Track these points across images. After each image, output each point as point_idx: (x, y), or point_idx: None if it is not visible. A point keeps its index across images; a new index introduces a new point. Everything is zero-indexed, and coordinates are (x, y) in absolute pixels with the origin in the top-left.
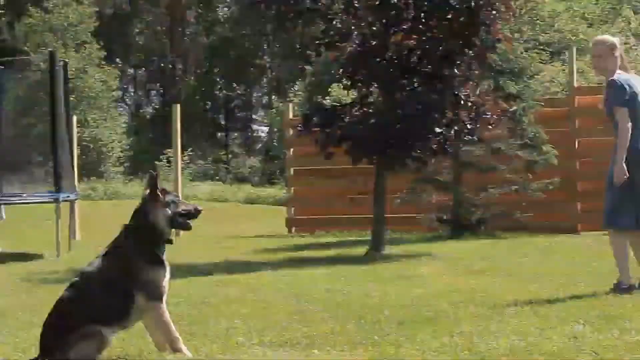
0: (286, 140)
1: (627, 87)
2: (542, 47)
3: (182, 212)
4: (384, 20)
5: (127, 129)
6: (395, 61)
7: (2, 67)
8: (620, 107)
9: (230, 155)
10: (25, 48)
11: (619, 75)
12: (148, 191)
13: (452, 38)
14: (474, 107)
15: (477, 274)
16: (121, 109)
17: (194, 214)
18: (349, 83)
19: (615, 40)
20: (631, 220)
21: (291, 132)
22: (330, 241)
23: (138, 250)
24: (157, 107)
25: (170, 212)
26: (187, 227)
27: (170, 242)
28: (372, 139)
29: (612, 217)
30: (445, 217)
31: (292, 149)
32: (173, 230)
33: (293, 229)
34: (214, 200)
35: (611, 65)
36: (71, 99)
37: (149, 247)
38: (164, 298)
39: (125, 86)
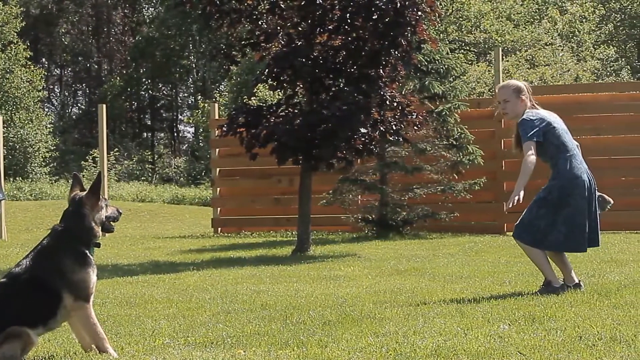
0: (212, 141)
1: (537, 120)
2: (468, 48)
3: (111, 215)
4: (309, 21)
5: (53, 129)
6: (321, 61)
7: None
8: (527, 141)
9: (156, 156)
10: None
11: (528, 112)
12: (89, 194)
13: (378, 38)
14: (400, 107)
15: (402, 274)
16: (47, 109)
17: (118, 216)
18: (274, 83)
19: (521, 83)
20: (557, 242)
21: (217, 132)
22: (256, 241)
23: (69, 251)
24: (83, 107)
25: (104, 215)
26: (112, 230)
27: (98, 245)
28: (297, 139)
29: (532, 234)
30: (370, 218)
31: (217, 149)
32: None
33: (219, 229)
34: (140, 200)
35: (519, 108)
36: None
37: (80, 248)
38: (91, 299)
39: (51, 86)
